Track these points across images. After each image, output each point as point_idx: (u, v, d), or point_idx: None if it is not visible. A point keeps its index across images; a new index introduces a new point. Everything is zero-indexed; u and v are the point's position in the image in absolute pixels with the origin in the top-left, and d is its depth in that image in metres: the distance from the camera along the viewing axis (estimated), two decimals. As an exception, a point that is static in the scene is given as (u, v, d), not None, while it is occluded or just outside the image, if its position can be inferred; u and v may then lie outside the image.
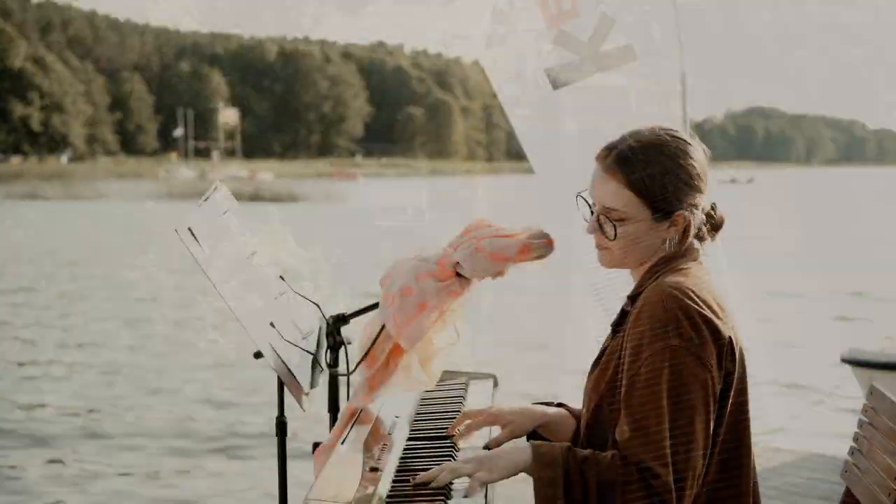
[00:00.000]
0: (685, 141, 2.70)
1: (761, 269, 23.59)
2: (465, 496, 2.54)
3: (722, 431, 2.59)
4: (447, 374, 3.68)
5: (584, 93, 4.26)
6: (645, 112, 4.21)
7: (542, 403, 3.03)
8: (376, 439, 2.83)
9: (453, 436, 2.95)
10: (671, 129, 2.73)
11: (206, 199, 2.96)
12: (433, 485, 2.56)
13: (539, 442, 2.63)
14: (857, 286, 23.09)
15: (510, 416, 2.92)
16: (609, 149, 2.72)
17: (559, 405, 3.02)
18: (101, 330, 17.20)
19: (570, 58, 4.23)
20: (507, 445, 2.67)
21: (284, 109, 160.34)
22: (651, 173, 2.64)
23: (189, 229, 2.73)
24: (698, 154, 2.71)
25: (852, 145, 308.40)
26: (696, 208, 2.70)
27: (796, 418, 10.06)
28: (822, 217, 51.29)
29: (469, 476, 2.57)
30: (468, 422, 2.95)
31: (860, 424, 3.05)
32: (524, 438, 2.70)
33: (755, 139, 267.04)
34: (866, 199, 75.92)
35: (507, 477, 2.60)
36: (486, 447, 2.84)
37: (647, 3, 4.16)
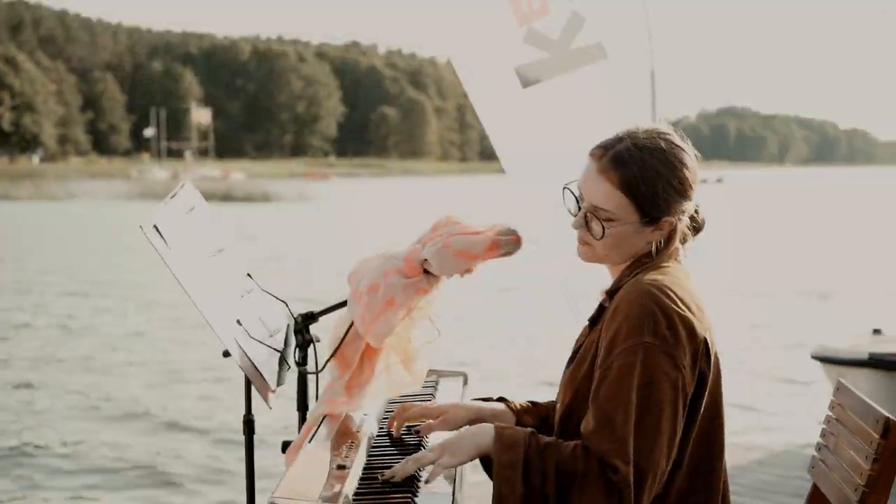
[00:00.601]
0: (681, 148, 2.69)
1: (724, 268, 23.70)
2: (427, 481, 2.55)
3: (694, 431, 2.60)
4: (416, 372, 3.69)
5: (555, 91, 4.26)
6: (615, 111, 4.22)
7: (481, 399, 3.03)
8: (344, 437, 2.81)
9: (396, 432, 2.97)
10: (667, 134, 2.72)
11: (172, 197, 2.94)
12: (398, 477, 2.56)
13: (503, 424, 2.64)
14: (825, 285, 23.23)
15: (444, 407, 2.93)
16: (605, 147, 2.69)
17: (499, 399, 3.02)
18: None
19: (541, 56, 4.23)
20: (472, 427, 2.65)
21: (258, 109, 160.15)
22: (645, 179, 2.63)
23: (155, 226, 2.72)
24: (691, 161, 2.70)
25: (824, 145, 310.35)
26: (684, 214, 2.70)
27: (769, 416, 10.09)
28: (790, 216, 51.55)
29: (431, 463, 2.58)
30: (405, 415, 2.96)
31: (827, 420, 3.05)
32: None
33: (728, 139, 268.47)
34: (836, 198, 76.38)
35: (471, 459, 2.61)
36: (417, 432, 2.87)
37: (617, 2, 4.17)
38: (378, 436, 2.98)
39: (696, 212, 2.76)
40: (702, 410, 2.60)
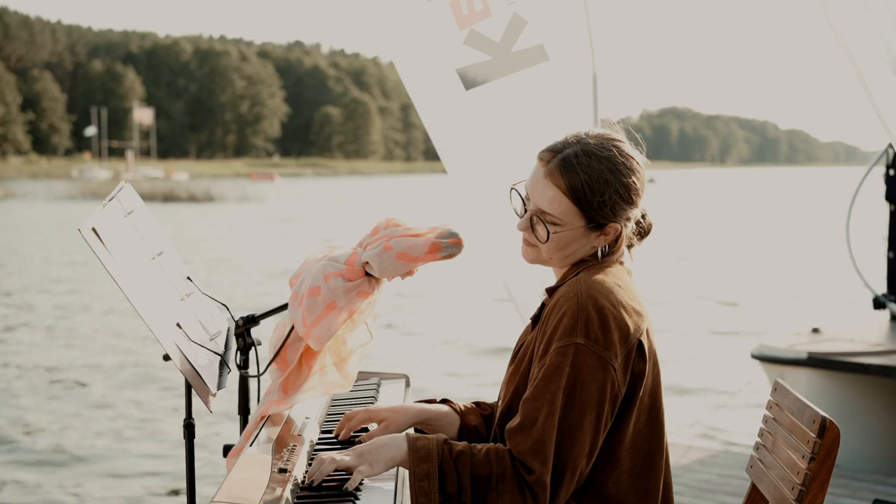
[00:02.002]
0: (630, 155, 2.69)
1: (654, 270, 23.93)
2: (345, 488, 2.54)
3: (629, 431, 2.62)
4: (360, 375, 3.68)
5: (497, 93, 4.26)
6: (557, 113, 4.23)
7: (424, 401, 3.04)
8: (286, 441, 2.80)
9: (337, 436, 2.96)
10: (617, 140, 2.71)
11: (110, 199, 2.91)
12: (317, 476, 2.56)
13: (416, 434, 2.64)
14: (761, 283, 23.51)
15: (385, 412, 2.93)
16: (553, 151, 2.69)
17: (443, 401, 3.03)
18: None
19: (483, 58, 4.23)
20: (385, 437, 2.65)
21: (200, 109, 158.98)
22: (592, 186, 2.62)
23: (93, 229, 2.69)
24: (640, 168, 2.71)
25: (765, 145, 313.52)
26: (630, 220, 2.71)
27: (709, 415, 10.18)
28: (713, 217, 52.02)
29: (349, 468, 2.58)
30: (350, 424, 2.95)
31: (765, 420, 3.08)
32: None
33: (670, 139, 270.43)
34: (764, 199, 77.18)
35: (387, 470, 2.62)
36: (359, 441, 2.85)
37: (558, 4, 4.18)
38: (320, 440, 2.97)
39: (642, 217, 2.77)
40: (637, 411, 2.62)
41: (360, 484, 2.60)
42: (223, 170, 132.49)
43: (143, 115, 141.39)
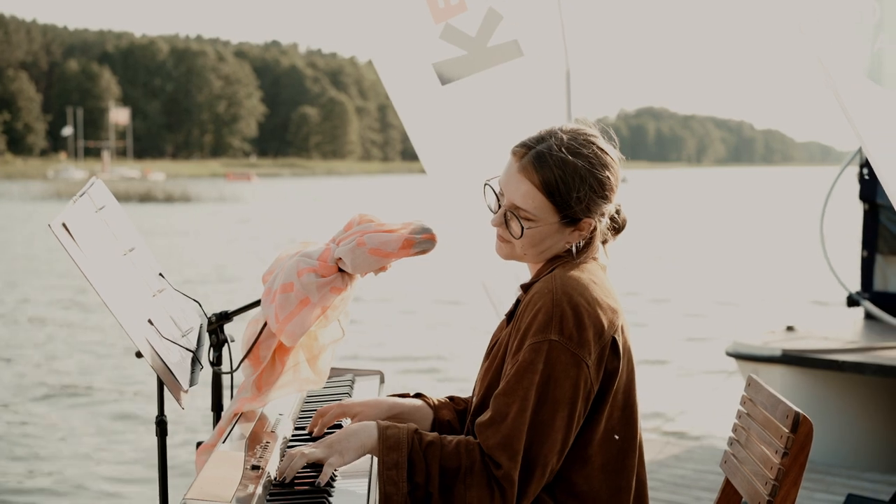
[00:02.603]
0: (603, 150, 2.69)
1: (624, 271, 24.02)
2: (317, 483, 2.53)
3: (601, 428, 2.61)
4: (334, 371, 3.67)
5: (473, 88, 4.26)
6: (532, 108, 4.23)
7: (398, 395, 3.03)
8: (259, 437, 2.79)
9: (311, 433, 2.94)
10: (591, 135, 2.71)
11: (81, 195, 2.89)
12: (288, 472, 2.55)
13: (387, 423, 2.64)
14: (736, 281, 23.62)
15: (359, 407, 2.92)
16: (527, 146, 2.68)
17: (417, 395, 3.03)
18: None
19: (459, 53, 4.22)
20: (355, 426, 2.64)
21: (177, 109, 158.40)
22: (566, 181, 2.62)
23: (63, 225, 2.67)
24: (614, 163, 2.70)
25: (741, 146, 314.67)
26: (604, 216, 2.71)
27: (684, 412, 10.21)
28: (698, 215, 52.21)
29: (319, 461, 2.58)
30: (324, 420, 2.94)
31: (739, 415, 3.09)
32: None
33: (647, 139, 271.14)
34: (751, 197, 77.49)
35: (357, 458, 2.61)
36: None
37: (534, 0, 4.18)
38: (293, 436, 2.96)
39: (617, 212, 2.76)
40: (610, 408, 2.62)
41: (333, 478, 2.59)
42: (200, 170, 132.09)
43: (119, 115, 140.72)
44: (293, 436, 2.96)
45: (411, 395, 3.04)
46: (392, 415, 2.91)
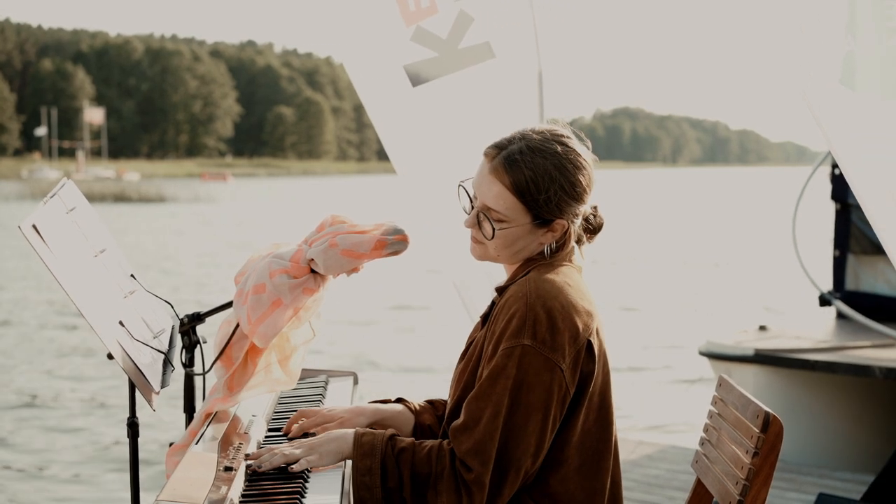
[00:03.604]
0: (576, 151, 2.68)
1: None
2: (290, 468, 2.59)
3: (577, 431, 2.62)
4: (307, 372, 3.67)
5: (444, 90, 4.27)
6: (504, 110, 4.24)
7: (379, 401, 3.04)
8: (232, 439, 2.79)
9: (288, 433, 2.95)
10: (563, 136, 2.70)
11: (51, 196, 2.88)
12: (265, 466, 2.59)
13: (363, 430, 2.67)
14: (710, 280, 23.72)
15: (342, 414, 2.92)
16: (498, 148, 2.68)
17: (398, 400, 3.04)
18: None
19: (430, 55, 4.24)
20: (335, 431, 2.68)
21: (152, 109, 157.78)
22: (537, 182, 2.62)
23: (34, 226, 2.66)
24: (587, 164, 2.69)
25: (716, 146, 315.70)
26: (577, 217, 2.70)
27: (657, 413, 10.25)
28: (673, 215, 52.37)
29: (298, 461, 2.62)
30: (302, 421, 2.94)
31: (710, 415, 3.11)
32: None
33: (623, 139, 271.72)
34: (725, 197, 77.78)
35: (335, 462, 2.65)
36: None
37: (504, 1, 4.19)
38: (266, 438, 2.95)
39: (593, 214, 2.76)
40: (585, 411, 2.63)
41: (307, 479, 2.60)
42: (175, 170, 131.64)
43: (93, 115, 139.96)
44: (266, 437, 2.96)
45: (393, 399, 3.05)
46: (375, 420, 2.92)
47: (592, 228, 2.79)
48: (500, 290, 2.74)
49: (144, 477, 3.26)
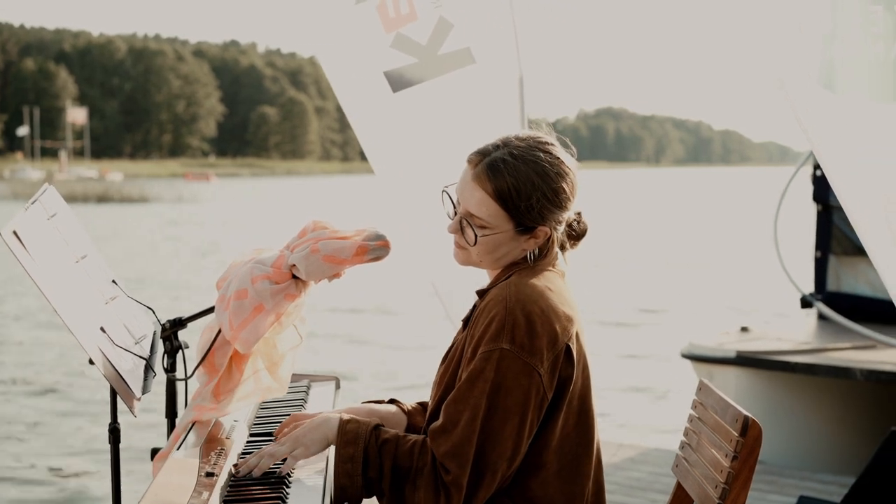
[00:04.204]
0: (559, 158, 2.69)
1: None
2: (279, 472, 2.61)
3: (556, 435, 2.64)
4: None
5: (425, 95, 4.28)
6: (485, 115, 4.26)
7: (373, 401, 3.05)
8: (214, 444, 2.79)
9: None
10: (547, 143, 2.71)
11: (33, 203, 2.88)
12: (255, 472, 2.60)
13: (349, 417, 2.69)
14: (691, 282, 23.77)
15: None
16: (482, 154, 2.69)
17: (391, 401, 3.05)
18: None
19: (410, 61, 4.25)
20: (319, 419, 2.70)
21: (135, 108, 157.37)
22: (519, 189, 2.63)
23: (14, 232, 2.66)
24: (570, 171, 2.70)
25: (699, 146, 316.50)
26: (560, 223, 2.71)
27: (640, 414, 10.28)
28: (655, 216, 52.46)
29: (286, 456, 2.64)
30: (294, 425, 2.95)
31: (690, 419, 3.12)
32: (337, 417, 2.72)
33: (606, 140, 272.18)
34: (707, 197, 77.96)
35: (321, 451, 2.68)
36: None
37: (484, 7, 4.20)
38: (248, 443, 2.96)
39: (577, 220, 2.77)
40: (564, 415, 2.64)
41: (287, 491, 2.60)
42: (158, 170, 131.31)
43: (76, 115, 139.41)
44: (248, 442, 2.96)
45: (386, 400, 3.06)
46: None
47: (576, 234, 2.79)
48: (481, 294, 2.76)
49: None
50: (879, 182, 3.25)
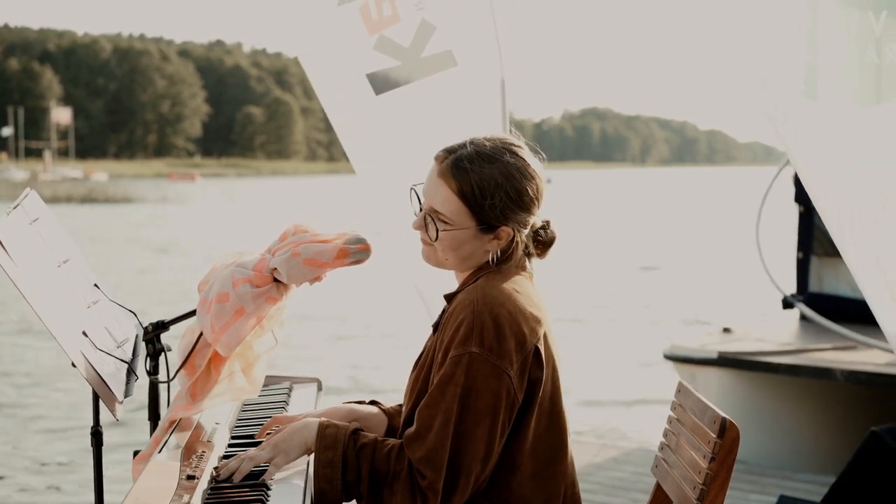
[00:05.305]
0: (525, 161, 2.72)
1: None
2: (261, 479, 2.61)
3: (529, 437, 2.66)
4: (270, 379, 3.69)
5: (407, 98, 4.29)
6: (467, 117, 4.27)
7: (354, 402, 3.07)
8: (195, 447, 2.80)
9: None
10: (513, 145, 2.74)
11: (15, 207, 2.89)
12: (236, 476, 2.62)
13: (327, 421, 2.70)
14: (674, 282, 23.84)
15: (317, 416, 2.94)
16: (448, 152, 2.73)
17: (372, 402, 3.07)
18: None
19: (392, 63, 4.26)
20: (298, 423, 2.72)
21: (120, 108, 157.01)
22: (483, 187, 2.65)
23: (-6, 238, 2.66)
24: (535, 175, 2.72)
25: (684, 146, 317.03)
26: (524, 226, 2.73)
27: (621, 415, 10.31)
28: (640, 215, 52.56)
29: (267, 462, 2.66)
30: (277, 427, 2.97)
31: (669, 420, 3.14)
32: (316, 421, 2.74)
33: (592, 140, 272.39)
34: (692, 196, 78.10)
35: (301, 456, 2.69)
36: None
37: (466, 10, 4.21)
38: (230, 445, 2.97)
39: (544, 228, 2.78)
40: (536, 416, 2.66)
41: (268, 493, 2.61)
42: (143, 170, 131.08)
43: (61, 115, 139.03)
44: (230, 445, 2.98)
45: (367, 401, 3.08)
46: (349, 421, 2.95)
47: (544, 243, 2.81)
48: (449, 298, 2.78)
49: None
50: (859, 184, 3.28)
